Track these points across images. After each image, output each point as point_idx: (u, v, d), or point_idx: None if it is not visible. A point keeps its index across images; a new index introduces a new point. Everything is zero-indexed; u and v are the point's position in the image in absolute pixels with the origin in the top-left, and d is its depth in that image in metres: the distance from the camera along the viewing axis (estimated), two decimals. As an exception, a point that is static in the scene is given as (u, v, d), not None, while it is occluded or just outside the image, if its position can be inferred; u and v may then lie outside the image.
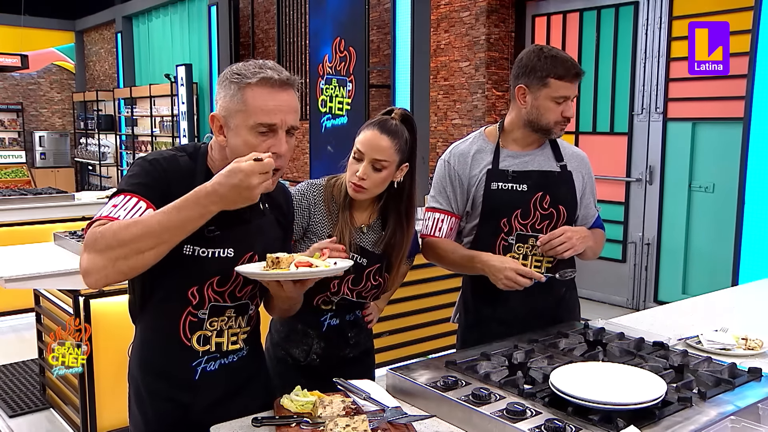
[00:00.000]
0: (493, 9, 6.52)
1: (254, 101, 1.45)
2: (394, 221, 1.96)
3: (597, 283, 5.80)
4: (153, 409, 1.60)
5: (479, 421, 1.44)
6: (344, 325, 1.99)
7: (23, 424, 3.56)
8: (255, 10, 9.97)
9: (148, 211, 1.41)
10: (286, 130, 1.48)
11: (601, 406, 1.40)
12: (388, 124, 1.89)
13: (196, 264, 1.51)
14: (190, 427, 1.58)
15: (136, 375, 1.63)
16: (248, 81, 1.45)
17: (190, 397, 1.59)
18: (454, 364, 1.70)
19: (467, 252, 2.13)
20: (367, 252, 1.94)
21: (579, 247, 2.05)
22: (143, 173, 1.48)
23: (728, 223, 4.66)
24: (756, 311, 2.53)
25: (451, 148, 2.26)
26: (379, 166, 1.85)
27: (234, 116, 1.47)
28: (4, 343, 4.83)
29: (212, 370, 1.60)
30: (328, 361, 1.97)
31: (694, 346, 1.96)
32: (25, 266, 3.48)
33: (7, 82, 14.82)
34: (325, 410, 1.48)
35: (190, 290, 1.52)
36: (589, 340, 1.90)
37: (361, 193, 1.88)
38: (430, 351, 3.95)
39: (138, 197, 1.43)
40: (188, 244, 1.48)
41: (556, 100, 2.07)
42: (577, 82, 2.08)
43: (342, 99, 7.49)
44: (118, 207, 1.42)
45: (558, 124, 2.10)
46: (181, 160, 1.53)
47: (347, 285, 1.91)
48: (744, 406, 1.49)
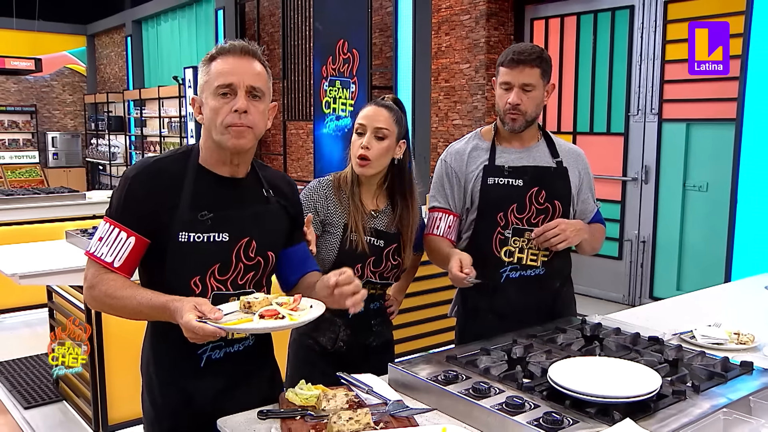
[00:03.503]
0: (493, 12, 6.51)
1: (215, 69, 1.53)
2: (400, 200, 2.05)
3: (594, 280, 5.80)
4: (161, 397, 1.62)
5: (479, 414, 1.43)
6: (368, 313, 2.03)
7: (37, 416, 3.57)
8: (261, 14, 9.96)
9: (130, 240, 1.51)
10: (248, 92, 1.52)
11: (598, 399, 1.40)
12: (383, 100, 2.04)
13: (193, 251, 1.52)
14: (195, 415, 1.59)
15: (146, 363, 1.65)
16: (212, 54, 1.56)
17: (195, 384, 1.60)
18: (455, 358, 1.70)
19: (446, 251, 2.09)
20: (382, 233, 2.00)
21: (573, 240, 2.05)
22: (123, 194, 1.54)
23: (721, 222, 4.65)
24: (748, 307, 2.53)
25: (448, 147, 2.27)
26: (381, 135, 1.95)
27: (203, 90, 1.57)
28: (18, 337, 4.85)
29: (217, 358, 1.62)
30: (354, 349, 2.01)
31: (688, 341, 1.95)
32: (38, 263, 3.49)
33: (21, 85, 14.83)
34: (329, 403, 1.48)
35: (192, 280, 1.53)
36: (586, 336, 1.90)
37: (367, 165, 1.95)
38: (432, 346, 3.96)
39: (120, 227, 1.52)
40: (183, 231, 1.52)
41: (502, 87, 2.10)
42: (517, 68, 2.05)
43: (345, 100, 7.49)
44: (104, 241, 1.53)
45: (506, 112, 2.10)
46: (171, 164, 1.57)
47: (369, 268, 1.99)
48: (736, 399, 1.49)
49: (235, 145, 1.53)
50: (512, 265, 2.14)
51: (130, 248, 1.51)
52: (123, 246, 1.51)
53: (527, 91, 2.07)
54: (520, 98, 2.07)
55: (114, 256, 1.51)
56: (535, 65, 2.06)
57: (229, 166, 1.59)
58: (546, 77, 2.11)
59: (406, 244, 2.04)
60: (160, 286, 1.51)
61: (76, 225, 5.03)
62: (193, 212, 1.52)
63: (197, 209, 1.53)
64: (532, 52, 2.07)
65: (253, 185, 1.64)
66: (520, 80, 2.06)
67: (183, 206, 1.52)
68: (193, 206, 1.53)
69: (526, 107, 2.08)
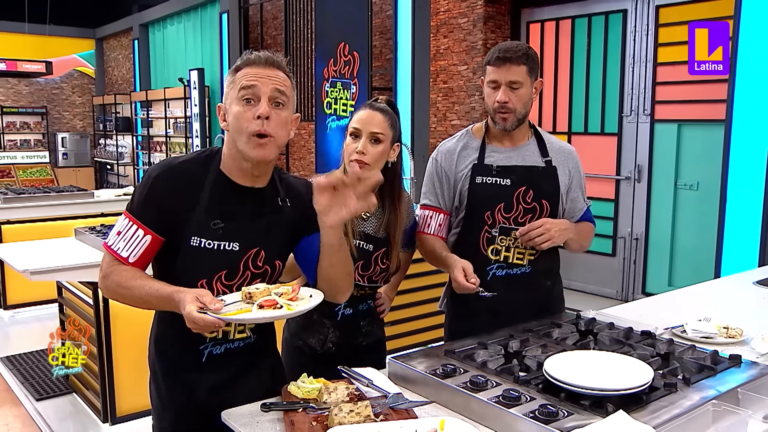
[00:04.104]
0: (490, 16, 6.50)
1: (240, 77, 1.53)
2: (388, 201, 1.98)
3: (588, 276, 5.80)
4: (167, 390, 1.63)
5: (476, 406, 1.43)
6: (357, 314, 1.99)
7: (49, 408, 3.58)
8: (264, 17, 9.96)
9: (146, 238, 1.51)
10: (271, 99, 1.51)
11: (592, 391, 1.40)
12: (377, 104, 1.96)
13: (202, 256, 1.52)
14: (199, 408, 1.59)
15: (152, 355, 1.66)
16: (237, 65, 1.56)
17: (197, 377, 1.60)
18: (453, 352, 1.70)
19: (442, 253, 2.09)
20: (371, 237, 1.95)
21: (558, 239, 2.03)
22: (145, 191, 1.53)
23: (711, 219, 4.65)
24: (736, 302, 2.53)
25: (439, 146, 2.23)
26: (376, 139, 1.89)
27: (228, 97, 1.55)
28: (29, 331, 4.86)
29: (218, 353, 1.62)
30: (343, 350, 1.97)
31: (679, 335, 1.95)
32: (49, 260, 3.49)
33: (32, 87, 14.84)
34: (330, 396, 1.48)
35: (198, 282, 1.52)
36: (580, 330, 1.90)
37: (363, 168, 1.87)
38: (423, 343, 3.94)
39: (138, 224, 1.52)
40: (195, 236, 1.51)
41: (490, 85, 2.07)
42: (504, 66, 2.02)
43: (346, 101, 7.48)
44: (121, 235, 1.53)
45: (496, 111, 2.06)
46: (193, 167, 1.56)
47: (357, 271, 1.91)
48: (725, 391, 1.49)
49: (258, 155, 1.50)
50: (499, 263, 2.11)
51: (146, 246, 1.52)
52: (139, 243, 1.51)
53: (514, 88, 2.03)
54: (507, 96, 2.03)
55: (129, 252, 1.52)
56: (522, 62, 2.02)
57: (250, 177, 1.57)
58: (533, 74, 2.06)
59: (394, 247, 1.99)
60: (170, 281, 1.50)
61: (85, 223, 5.04)
62: (208, 218, 1.51)
63: (212, 216, 1.51)
64: (517, 49, 2.03)
65: (270, 195, 1.61)
66: (506, 78, 2.02)
67: (199, 210, 1.51)
68: (208, 212, 1.51)
69: (515, 105, 2.04)
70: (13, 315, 5.25)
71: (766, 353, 1.81)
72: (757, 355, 1.79)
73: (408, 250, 2.17)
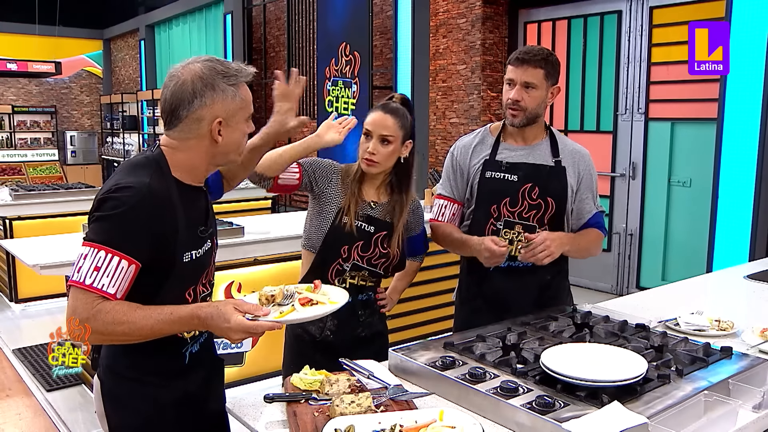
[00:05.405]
0: (488, 16, 6.49)
1: (247, 96, 1.51)
2: (397, 193, 2.04)
3: (584, 271, 5.79)
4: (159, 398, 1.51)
5: (475, 397, 1.44)
6: (355, 304, 2.00)
7: (59, 398, 3.59)
8: (267, 18, 9.93)
9: (131, 268, 1.35)
10: None
11: (588, 383, 1.40)
12: (390, 105, 2.01)
13: (194, 266, 1.50)
14: (198, 405, 1.58)
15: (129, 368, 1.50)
16: (242, 80, 1.50)
17: (186, 379, 1.55)
18: (452, 345, 1.70)
19: (459, 236, 2.17)
20: (372, 219, 1.99)
21: (556, 253, 2.02)
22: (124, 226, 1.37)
23: (703, 215, 4.65)
24: (728, 296, 2.53)
25: (457, 140, 2.31)
26: (386, 141, 1.95)
27: (236, 114, 1.49)
28: (40, 324, 4.86)
29: (195, 351, 1.58)
30: (342, 339, 1.99)
31: (673, 328, 1.96)
32: (58, 254, 3.48)
33: (42, 87, 14.86)
34: (332, 388, 1.48)
35: (187, 291, 1.51)
36: (577, 323, 1.90)
37: (373, 166, 1.97)
38: (431, 334, 3.95)
39: (120, 255, 1.35)
40: (186, 251, 1.46)
41: (507, 83, 2.12)
42: (522, 66, 2.07)
43: (347, 99, 7.47)
44: (102, 271, 1.33)
45: (507, 107, 2.12)
46: (157, 184, 1.42)
47: (357, 251, 1.97)
48: (716, 382, 1.49)
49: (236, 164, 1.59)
50: None
51: (131, 276, 1.37)
52: (124, 275, 1.35)
53: (529, 89, 2.08)
54: (520, 95, 2.08)
55: (117, 287, 1.35)
56: (539, 66, 2.07)
57: (201, 177, 1.55)
58: (550, 79, 2.10)
59: (395, 232, 2.01)
60: (150, 301, 1.39)
61: (94, 219, 5.02)
62: (191, 231, 1.48)
63: (193, 227, 1.49)
64: (537, 53, 2.08)
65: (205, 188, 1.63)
66: (522, 78, 2.07)
67: (182, 226, 1.44)
68: (189, 225, 1.47)
69: (527, 104, 2.09)
70: (24, 308, 5.26)
71: (756, 345, 1.81)
72: (747, 347, 1.79)
73: (415, 260, 2.21)
